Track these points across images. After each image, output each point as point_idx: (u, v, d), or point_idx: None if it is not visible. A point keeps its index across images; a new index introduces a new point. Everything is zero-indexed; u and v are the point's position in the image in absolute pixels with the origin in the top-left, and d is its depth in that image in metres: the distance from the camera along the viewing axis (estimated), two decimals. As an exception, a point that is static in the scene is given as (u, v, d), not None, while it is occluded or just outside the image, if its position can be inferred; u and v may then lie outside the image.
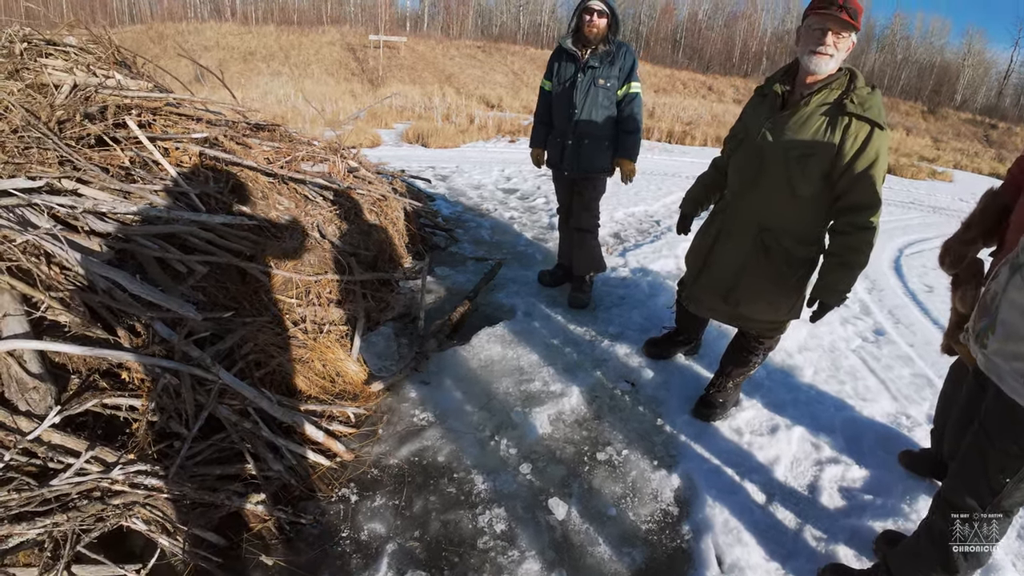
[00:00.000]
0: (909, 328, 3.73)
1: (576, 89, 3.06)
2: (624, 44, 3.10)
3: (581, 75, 3.04)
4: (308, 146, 3.71)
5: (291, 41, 27.27)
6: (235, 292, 2.48)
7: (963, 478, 1.49)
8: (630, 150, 3.17)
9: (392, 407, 2.45)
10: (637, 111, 3.13)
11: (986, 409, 1.46)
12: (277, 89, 14.47)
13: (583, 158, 3.18)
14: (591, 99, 3.07)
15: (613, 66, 3.03)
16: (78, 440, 1.74)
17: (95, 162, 2.35)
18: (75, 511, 1.62)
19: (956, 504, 1.50)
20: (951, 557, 1.52)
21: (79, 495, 1.67)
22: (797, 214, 2.04)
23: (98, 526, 1.65)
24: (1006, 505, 1.43)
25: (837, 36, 1.83)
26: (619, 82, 3.07)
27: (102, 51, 3.04)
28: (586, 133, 3.12)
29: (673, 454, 2.32)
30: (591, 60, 3.02)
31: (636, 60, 3.13)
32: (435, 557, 1.81)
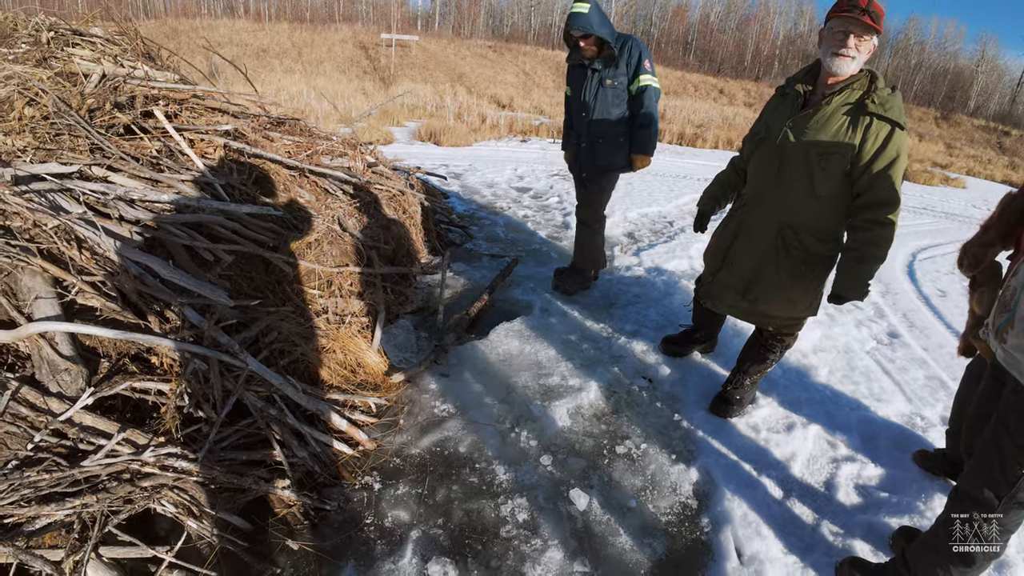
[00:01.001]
0: (923, 332, 3.73)
1: (586, 92, 3.13)
2: (629, 38, 3.09)
3: (589, 79, 3.11)
4: (327, 141, 3.75)
5: (304, 39, 27.39)
6: (259, 281, 2.52)
7: (981, 470, 1.51)
8: (644, 144, 3.18)
9: (413, 398, 2.48)
10: (649, 104, 3.11)
11: (1005, 402, 1.48)
12: (290, 86, 14.56)
13: (599, 157, 3.23)
14: (600, 100, 3.11)
15: (619, 65, 3.06)
16: (109, 422, 1.77)
17: (125, 150, 2.39)
18: (104, 492, 1.64)
19: (973, 496, 1.52)
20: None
21: (108, 476, 1.69)
22: (817, 212, 2.06)
23: (127, 508, 1.67)
24: (1021, 497, 1.44)
25: (859, 39, 1.85)
26: (627, 79, 3.09)
27: (127, 42, 3.09)
28: (600, 133, 3.17)
29: (691, 449, 2.34)
30: (595, 64, 3.07)
31: (644, 51, 3.08)
32: (459, 544, 1.84)
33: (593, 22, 2.95)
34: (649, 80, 3.09)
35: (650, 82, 3.09)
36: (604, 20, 3.02)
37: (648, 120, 3.13)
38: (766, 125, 2.14)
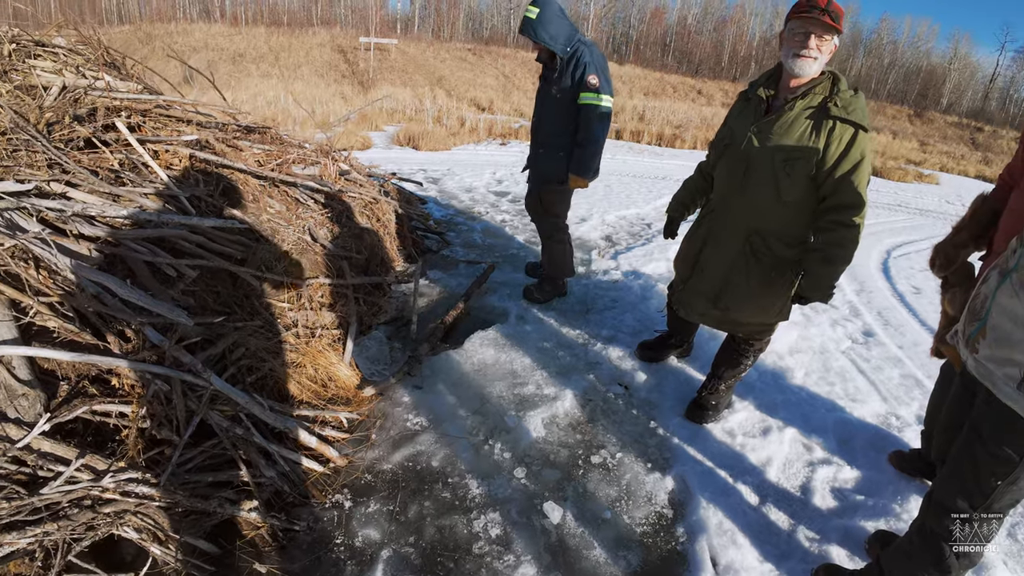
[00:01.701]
0: (898, 330, 3.76)
1: (538, 97, 3.09)
2: (580, 49, 2.92)
3: (543, 84, 3.06)
4: (299, 149, 3.70)
5: (281, 43, 27.15)
6: (226, 296, 2.46)
7: (955, 480, 1.50)
8: (576, 164, 3.03)
9: (385, 412, 2.44)
10: (588, 124, 2.93)
11: (977, 412, 1.47)
12: (267, 91, 14.40)
13: (539, 167, 3.20)
14: (547, 109, 3.05)
15: (565, 76, 2.93)
16: (68, 447, 1.72)
17: (84, 165, 2.33)
18: (66, 520, 1.60)
19: (948, 506, 1.50)
20: (943, 558, 1.53)
21: (69, 503, 1.65)
22: (784, 217, 2.05)
23: (89, 535, 1.63)
24: (997, 507, 1.44)
25: (820, 39, 1.85)
26: (572, 90, 2.93)
27: (91, 52, 3.01)
28: (542, 143, 3.13)
29: (667, 456, 2.32)
30: (554, 71, 2.99)
31: (591, 66, 2.89)
32: (430, 563, 1.80)
33: (538, 28, 2.83)
34: (591, 99, 2.90)
35: (591, 101, 2.90)
36: (559, 25, 2.87)
37: (586, 140, 2.96)
38: (731, 131, 2.13)
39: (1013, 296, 1.32)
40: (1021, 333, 1.30)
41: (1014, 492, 1.40)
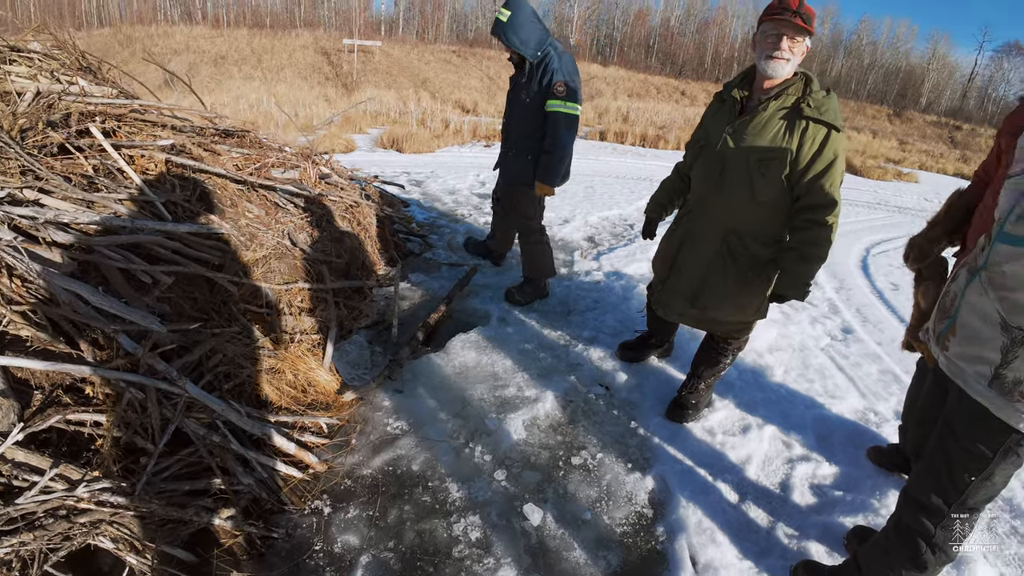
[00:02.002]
0: (876, 326, 3.82)
1: (508, 100, 3.13)
2: (549, 55, 2.93)
3: (513, 87, 3.10)
4: (279, 152, 3.67)
5: (263, 45, 26.94)
6: (203, 303, 2.44)
7: (929, 477, 1.52)
8: (543, 171, 3.04)
9: (366, 416, 2.43)
10: (555, 132, 2.94)
11: (950, 409, 1.49)
12: (249, 94, 14.28)
13: (508, 169, 3.25)
14: (516, 112, 3.10)
15: (533, 81, 2.95)
16: (42, 457, 1.70)
17: (58, 171, 2.30)
18: (42, 530, 1.59)
19: (922, 503, 1.53)
20: (920, 553, 1.55)
21: (45, 513, 1.63)
22: (759, 217, 2.08)
23: (65, 545, 1.62)
24: (971, 503, 1.46)
25: (792, 41, 1.88)
26: (540, 96, 2.95)
27: (66, 57, 2.97)
28: (512, 145, 3.17)
29: (647, 456, 2.33)
30: (520, 75, 3.04)
31: (559, 73, 2.90)
32: (410, 567, 1.80)
33: (509, 32, 2.84)
34: (558, 106, 2.91)
35: (559, 108, 2.91)
36: (530, 29, 2.87)
37: (552, 147, 2.97)
38: (706, 132, 2.15)
39: (982, 294, 1.34)
40: (990, 331, 1.32)
41: (988, 488, 1.42)
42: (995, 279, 1.31)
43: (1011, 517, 2.18)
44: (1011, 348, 1.27)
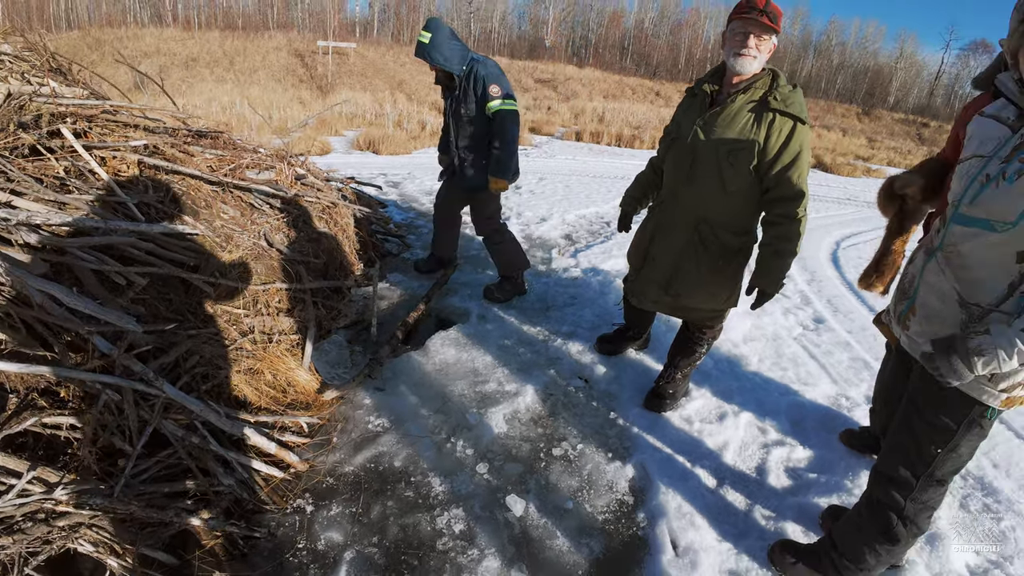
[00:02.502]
0: (847, 316, 3.92)
1: (447, 115, 3.26)
2: (475, 64, 3.09)
3: (449, 104, 3.23)
4: (253, 153, 3.64)
5: (236, 47, 26.55)
6: (178, 304, 2.41)
7: (897, 452, 1.58)
8: (496, 167, 3.19)
9: (346, 415, 2.42)
10: (503, 128, 3.10)
11: (913, 386, 1.55)
12: (222, 96, 14.06)
13: (464, 177, 3.35)
14: (458, 125, 3.22)
15: (468, 94, 3.12)
16: (19, 460, 1.67)
17: (29, 172, 2.26)
18: (20, 533, 1.57)
19: (892, 476, 1.58)
20: (891, 526, 1.60)
21: (23, 517, 1.61)
22: (729, 207, 2.14)
23: (45, 548, 1.60)
24: (939, 475, 1.52)
25: (759, 39, 1.94)
26: (478, 106, 3.13)
27: (37, 58, 2.93)
28: (463, 158, 3.30)
29: (627, 446, 2.37)
30: (451, 92, 3.19)
31: (490, 77, 3.07)
32: (394, 561, 1.80)
33: (433, 52, 2.99)
34: (499, 105, 3.07)
35: (501, 106, 3.07)
36: (451, 47, 3.03)
37: (502, 144, 3.12)
38: (678, 125, 2.21)
39: (939, 273, 1.41)
40: (948, 308, 1.39)
41: (955, 460, 1.49)
42: (951, 259, 1.37)
43: (983, 495, 2.26)
44: (969, 324, 1.33)
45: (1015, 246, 1.23)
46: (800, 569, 1.79)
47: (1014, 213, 1.22)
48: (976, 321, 1.32)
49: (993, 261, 1.28)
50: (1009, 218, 1.23)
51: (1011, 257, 1.25)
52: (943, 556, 1.94)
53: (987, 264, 1.29)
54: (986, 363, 1.23)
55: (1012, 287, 1.26)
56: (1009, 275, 1.26)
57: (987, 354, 1.22)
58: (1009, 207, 1.23)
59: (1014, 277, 1.25)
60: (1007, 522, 2.12)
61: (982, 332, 1.25)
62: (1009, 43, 1.27)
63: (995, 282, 1.28)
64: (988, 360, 1.22)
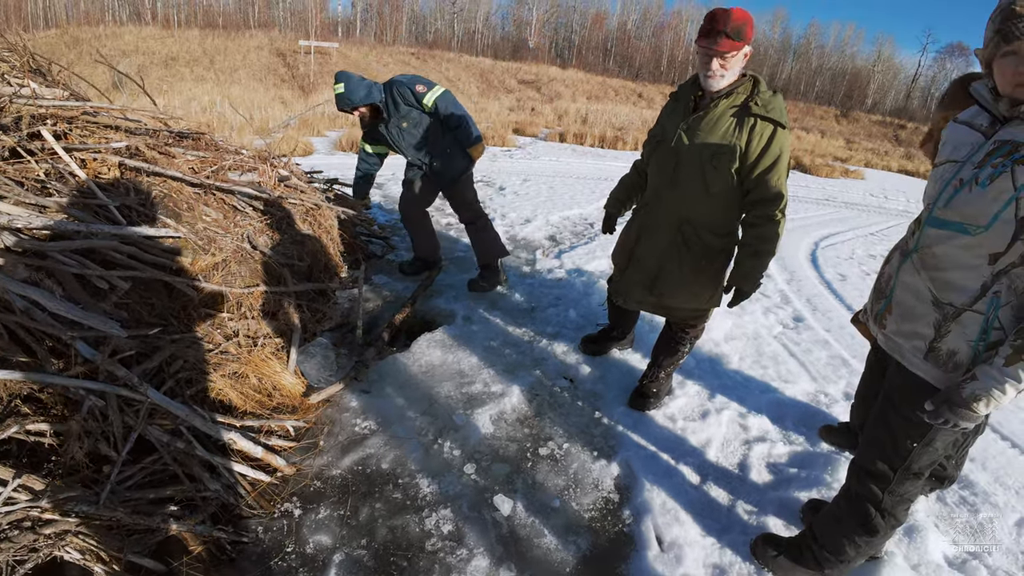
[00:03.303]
0: (825, 315, 4.00)
1: (392, 140, 3.44)
2: (391, 86, 3.30)
3: (387, 132, 3.42)
4: (236, 155, 3.62)
5: (216, 46, 26.23)
6: (161, 308, 2.39)
7: (874, 445, 1.63)
8: (467, 139, 3.41)
9: (333, 418, 2.42)
10: (447, 109, 3.32)
11: (889, 382, 1.60)
12: (202, 96, 13.89)
13: (440, 172, 3.49)
14: (409, 139, 3.42)
15: (399, 108, 3.32)
16: (4, 468, 1.66)
17: (9, 175, 2.23)
18: (7, 542, 1.56)
19: (869, 470, 1.63)
20: (870, 518, 1.65)
21: (9, 525, 1.60)
22: (712, 209, 2.18)
23: (32, 557, 1.59)
24: (915, 468, 1.56)
25: (723, 59, 1.98)
26: (415, 112, 3.35)
27: (17, 59, 2.88)
28: (431, 159, 3.46)
29: (612, 444, 2.41)
30: (382, 122, 3.38)
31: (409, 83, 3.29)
32: (383, 563, 1.81)
33: (355, 97, 3.18)
34: (433, 94, 3.31)
35: (434, 95, 3.31)
36: (360, 84, 3.22)
37: (457, 121, 3.35)
38: (662, 128, 2.26)
39: (915, 274, 1.46)
40: (923, 307, 1.44)
41: (931, 453, 1.53)
42: (926, 260, 1.43)
43: (960, 488, 2.32)
44: (943, 323, 1.39)
45: (988, 248, 1.28)
46: (782, 562, 1.83)
47: (987, 216, 1.26)
48: (950, 320, 1.37)
49: (966, 262, 1.33)
50: (982, 221, 1.27)
51: (983, 259, 1.29)
52: (921, 548, 1.99)
53: (960, 265, 1.34)
54: (986, 404, 1.27)
55: (984, 288, 1.30)
56: (981, 276, 1.31)
57: (983, 397, 1.27)
58: (982, 211, 1.27)
59: (986, 278, 1.30)
60: (984, 514, 2.19)
61: (969, 379, 1.30)
62: (984, 53, 1.32)
63: (968, 283, 1.33)
64: (987, 401, 1.27)
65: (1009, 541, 2.08)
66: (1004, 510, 2.22)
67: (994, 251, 1.27)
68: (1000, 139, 1.29)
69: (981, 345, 1.33)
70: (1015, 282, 1.27)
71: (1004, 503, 2.26)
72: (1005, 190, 1.23)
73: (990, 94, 1.34)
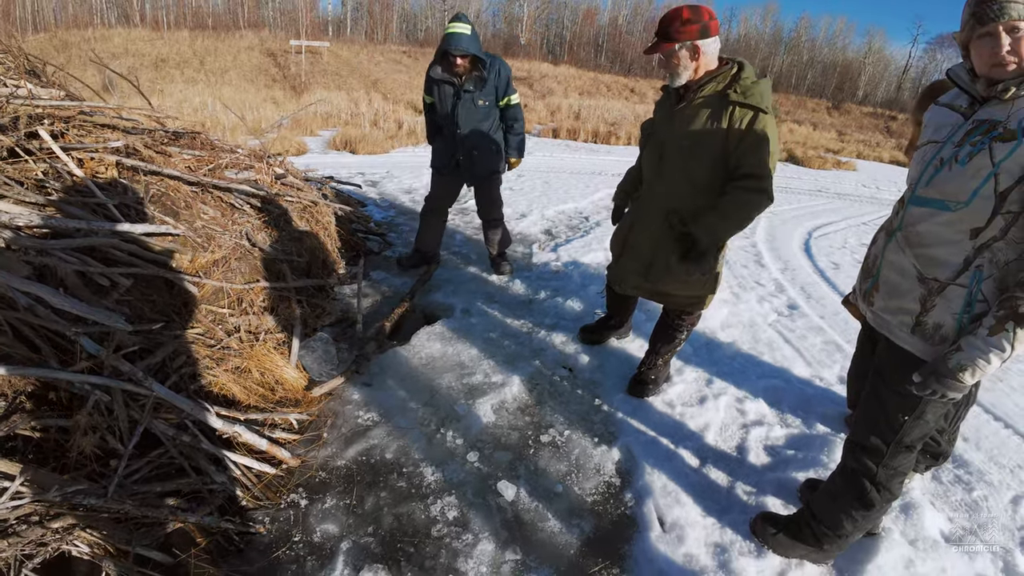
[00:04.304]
0: (819, 302, 4.05)
1: (457, 110, 3.36)
2: (496, 60, 3.33)
3: (459, 98, 3.33)
4: (231, 153, 3.63)
5: (206, 46, 26.09)
6: (162, 305, 2.41)
7: (867, 421, 1.67)
8: (519, 150, 3.64)
9: (336, 411, 2.45)
10: (519, 117, 3.55)
11: (879, 358, 1.65)
12: (193, 97, 13.83)
13: (477, 166, 3.54)
14: (471, 117, 3.39)
15: (487, 86, 3.31)
16: (11, 463, 1.67)
17: (9, 175, 2.24)
18: (16, 536, 1.57)
19: (864, 445, 1.67)
20: (865, 492, 1.69)
21: (17, 520, 1.61)
22: (697, 197, 2.21)
23: (41, 551, 1.60)
24: (907, 441, 1.61)
25: (668, 60, 2.07)
26: (496, 98, 3.41)
27: (11, 60, 2.89)
28: (474, 146, 3.47)
29: (612, 430, 2.44)
30: (467, 85, 3.29)
31: (509, 72, 3.41)
32: (391, 550, 1.84)
33: (474, 46, 3.15)
34: (518, 98, 3.52)
35: (518, 101, 3.52)
36: (479, 40, 3.22)
37: (521, 129, 3.60)
38: (652, 122, 2.31)
39: (900, 252, 1.52)
40: (908, 284, 1.49)
41: (921, 426, 1.58)
42: (910, 238, 1.48)
43: (954, 467, 2.37)
44: (928, 297, 1.44)
45: (968, 224, 1.34)
46: (781, 539, 1.87)
47: (966, 193, 1.32)
48: (935, 295, 1.41)
49: (948, 238, 1.38)
50: (962, 198, 1.33)
51: (965, 234, 1.35)
52: (918, 524, 2.03)
53: (943, 241, 1.40)
54: (971, 373, 1.32)
55: (967, 262, 1.36)
56: (964, 251, 1.36)
57: (968, 367, 1.31)
58: (962, 187, 1.33)
59: (968, 253, 1.35)
60: (979, 492, 2.23)
61: (955, 350, 1.34)
62: (960, 36, 1.36)
63: (951, 258, 1.38)
64: (972, 371, 1.31)
65: (1005, 518, 2.13)
66: (999, 488, 2.26)
67: (975, 226, 1.33)
68: (978, 119, 1.34)
69: (966, 317, 1.37)
70: (997, 256, 1.32)
71: (999, 481, 2.30)
72: (983, 167, 1.28)
73: (968, 75, 1.38)
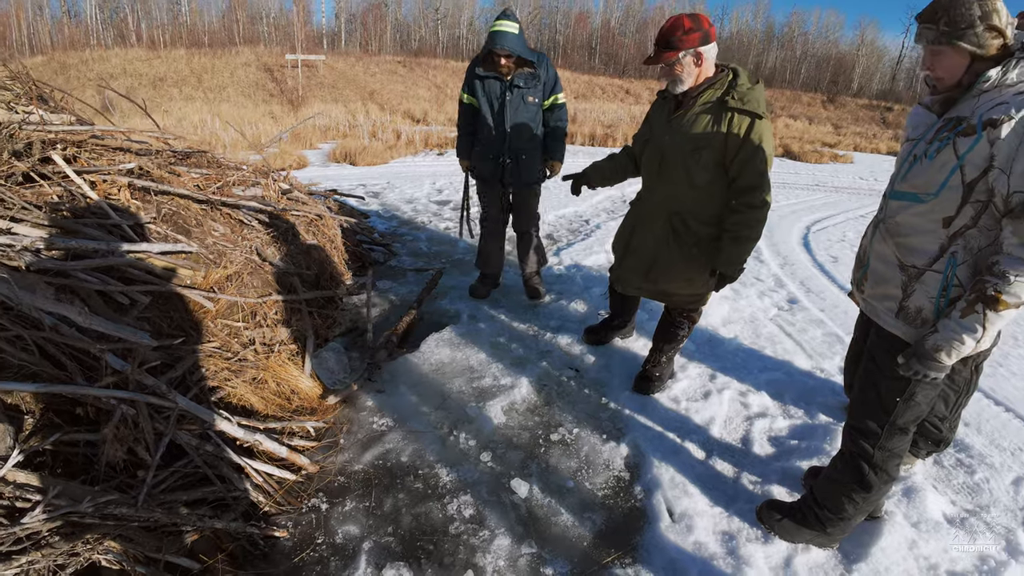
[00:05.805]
0: (819, 295, 4.12)
1: (506, 108, 3.17)
2: (543, 57, 3.21)
3: (509, 94, 3.16)
4: (237, 171, 3.71)
5: (203, 64, 26.33)
6: (180, 320, 2.49)
7: (861, 404, 1.75)
8: (562, 153, 3.42)
9: (351, 417, 2.52)
10: (565, 118, 3.37)
11: (871, 343, 1.74)
12: (192, 115, 13.98)
13: (524, 172, 3.34)
14: (521, 116, 3.20)
15: (537, 81, 3.18)
16: (43, 476, 1.74)
17: (27, 199, 2.32)
18: (49, 548, 1.63)
19: (860, 428, 1.75)
20: (864, 475, 1.76)
21: (50, 532, 1.67)
22: (698, 200, 2.31)
23: (73, 561, 1.66)
24: (900, 423, 1.68)
25: (671, 69, 2.14)
26: (543, 95, 3.24)
27: (21, 87, 2.98)
28: (522, 149, 3.27)
29: (619, 427, 2.51)
30: (516, 80, 3.13)
31: (556, 70, 3.29)
32: (411, 548, 1.91)
33: (520, 47, 3.02)
34: (564, 98, 3.36)
35: (565, 99, 3.36)
36: (524, 40, 3.10)
37: (563, 132, 3.38)
38: (650, 127, 2.39)
39: (883, 242, 1.64)
40: (891, 272, 1.60)
41: (913, 408, 1.65)
42: (891, 228, 1.60)
43: (955, 451, 2.43)
44: (908, 283, 1.55)
45: (940, 213, 1.45)
46: (787, 524, 1.93)
47: (935, 185, 1.43)
48: (914, 280, 1.52)
49: (923, 228, 1.49)
50: (931, 190, 1.45)
51: (938, 223, 1.46)
52: (920, 507, 2.09)
53: (919, 231, 1.50)
54: (948, 353, 1.42)
55: (942, 249, 1.46)
56: (938, 239, 1.47)
57: (944, 347, 1.42)
58: (931, 180, 1.45)
59: (943, 240, 1.46)
60: (980, 475, 2.29)
61: (932, 332, 1.45)
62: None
63: (927, 246, 1.49)
64: (948, 351, 1.42)
65: (1007, 499, 2.18)
66: (1000, 470, 2.32)
67: (946, 215, 1.43)
68: (948, 116, 1.45)
69: (942, 301, 1.47)
70: (970, 242, 1.42)
71: (1000, 464, 2.35)
72: (948, 160, 1.39)
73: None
